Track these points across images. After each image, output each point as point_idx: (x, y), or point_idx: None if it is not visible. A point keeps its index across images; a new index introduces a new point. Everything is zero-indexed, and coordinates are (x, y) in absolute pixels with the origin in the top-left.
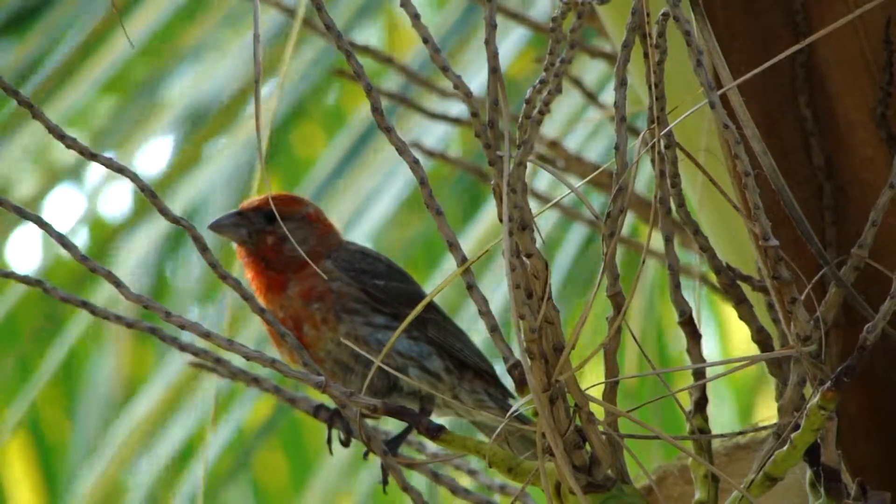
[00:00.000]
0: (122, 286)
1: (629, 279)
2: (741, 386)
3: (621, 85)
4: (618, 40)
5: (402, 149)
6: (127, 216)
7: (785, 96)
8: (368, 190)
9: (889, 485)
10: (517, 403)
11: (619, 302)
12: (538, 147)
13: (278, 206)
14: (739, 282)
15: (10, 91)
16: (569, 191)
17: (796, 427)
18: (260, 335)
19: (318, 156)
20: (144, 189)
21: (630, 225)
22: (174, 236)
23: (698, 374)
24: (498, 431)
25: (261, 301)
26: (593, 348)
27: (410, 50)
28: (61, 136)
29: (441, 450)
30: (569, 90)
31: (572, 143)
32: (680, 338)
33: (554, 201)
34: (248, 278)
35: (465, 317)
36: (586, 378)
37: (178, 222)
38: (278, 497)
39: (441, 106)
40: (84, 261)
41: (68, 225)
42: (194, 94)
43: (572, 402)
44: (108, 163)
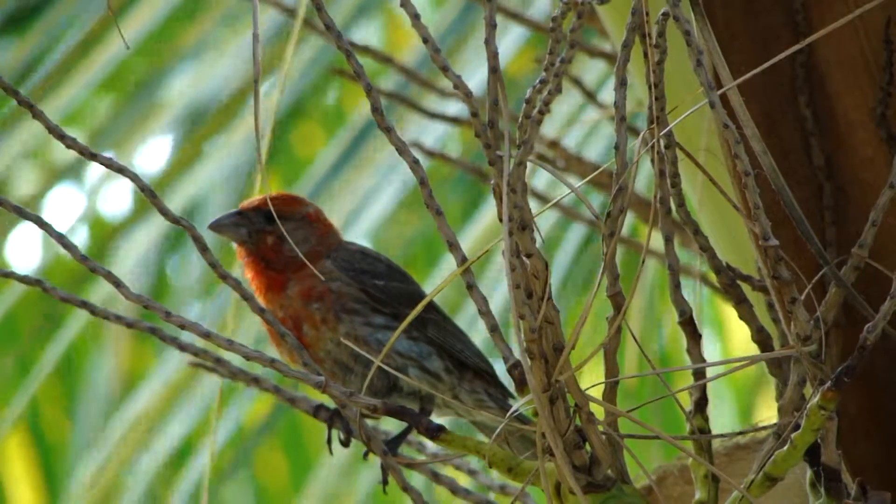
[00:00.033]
0: (121, 286)
1: (629, 279)
2: (741, 386)
3: (621, 85)
4: (618, 40)
5: (402, 149)
6: (127, 215)
7: (785, 96)
8: (367, 188)
9: (889, 485)
10: (517, 403)
11: (619, 302)
12: (538, 147)
13: (278, 206)
14: (739, 282)
15: (10, 91)
16: (568, 191)
17: (796, 427)
18: (259, 334)
19: (318, 155)
20: (144, 189)
21: (630, 225)
22: (174, 235)
23: (698, 374)
24: (498, 431)
25: (261, 301)
26: (593, 348)
27: (409, 48)
28: (61, 136)
29: (441, 450)
30: (568, 90)
31: (572, 143)
32: (680, 338)
33: (554, 201)
34: (247, 278)
35: (465, 317)
36: (586, 378)
37: (178, 222)
38: (278, 496)
39: (440, 105)
40: (84, 260)
41: (68, 224)
42: (193, 93)
43: (572, 402)
44: (108, 163)
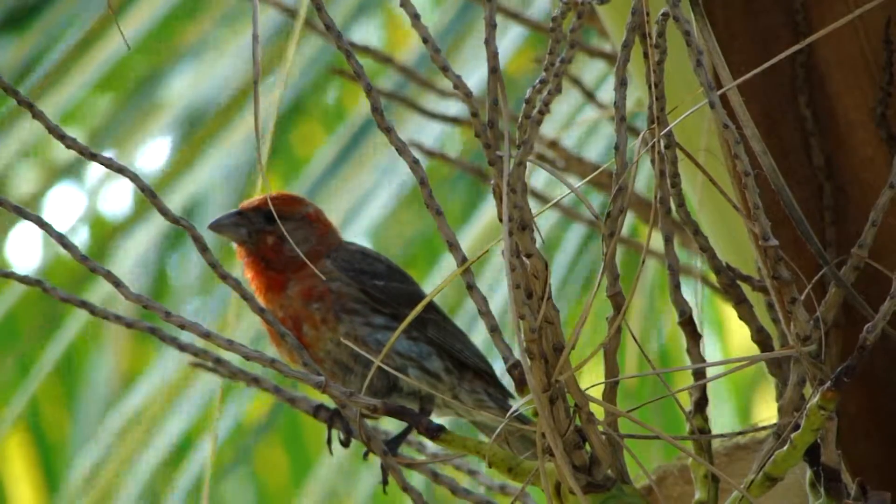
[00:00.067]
0: (121, 286)
1: (629, 279)
2: (739, 385)
3: (621, 85)
4: (618, 40)
5: (402, 149)
6: (128, 214)
7: (785, 96)
8: (366, 187)
9: (889, 485)
10: (517, 403)
11: (619, 302)
12: (538, 147)
13: (278, 206)
14: (739, 282)
15: (10, 90)
16: (568, 191)
17: (796, 427)
18: (257, 332)
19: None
20: (144, 189)
21: (630, 225)
22: (174, 235)
23: (698, 374)
24: (498, 431)
25: (261, 301)
26: (593, 348)
27: (408, 46)
28: (61, 136)
29: (441, 450)
30: (568, 90)
31: (572, 143)
32: (680, 338)
33: (554, 201)
34: (247, 278)
35: (465, 317)
36: (586, 378)
37: (178, 222)
38: (279, 494)
39: (439, 105)
40: (84, 261)
41: (69, 223)
42: (193, 93)
43: (572, 402)
44: (109, 163)
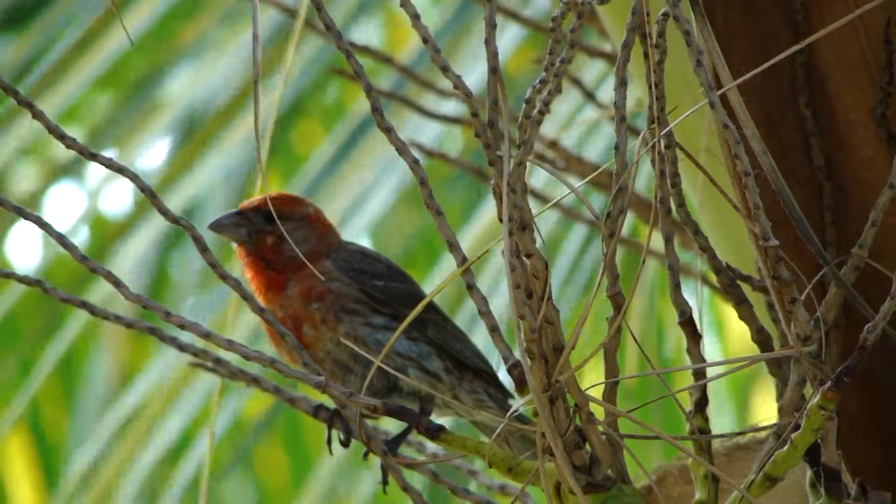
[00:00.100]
0: (121, 286)
1: (629, 279)
2: (738, 385)
3: (621, 85)
4: (618, 40)
5: (402, 149)
6: (128, 213)
7: (785, 96)
8: (365, 185)
9: (889, 485)
10: (517, 403)
11: (619, 302)
12: (538, 147)
13: (278, 206)
14: (739, 282)
15: (10, 90)
16: (568, 191)
17: (796, 427)
18: (255, 331)
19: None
20: (144, 189)
21: (630, 225)
22: (174, 234)
23: (698, 374)
24: (498, 431)
25: (260, 301)
26: (593, 348)
27: (407, 45)
28: (61, 135)
29: (441, 450)
30: (568, 90)
31: (572, 143)
32: (680, 338)
33: (554, 201)
34: (247, 278)
35: (465, 317)
36: (586, 378)
37: (178, 222)
38: (279, 494)
39: (438, 104)
40: (84, 261)
41: (69, 222)
42: (193, 92)
43: (572, 402)
44: (109, 163)
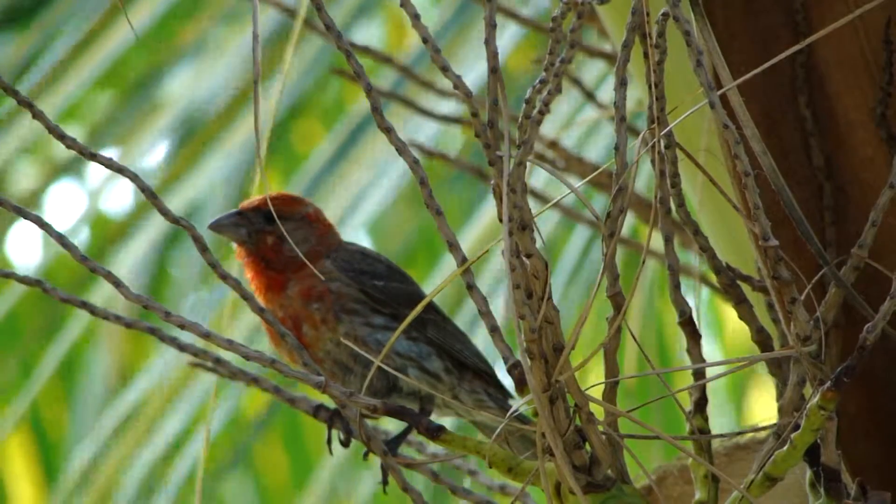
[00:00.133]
0: (121, 286)
1: (629, 279)
2: (736, 384)
3: (621, 85)
4: (618, 40)
5: (402, 149)
6: (129, 213)
7: (785, 96)
8: (364, 183)
9: (889, 485)
10: (517, 403)
11: (619, 302)
12: (538, 147)
13: (278, 206)
14: (739, 282)
15: (10, 90)
16: (569, 191)
17: (796, 427)
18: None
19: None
20: (144, 189)
21: (630, 225)
22: (174, 234)
23: (698, 374)
24: (498, 431)
25: (260, 301)
26: (593, 348)
27: (406, 45)
28: (61, 135)
29: (441, 450)
30: (568, 90)
31: (572, 143)
32: (680, 338)
33: (554, 201)
34: (247, 278)
35: (465, 317)
36: (586, 378)
37: (178, 222)
38: (279, 494)
39: (438, 103)
40: (84, 261)
41: (69, 222)
42: (193, 92)
43: (572, 402)
44: (109, 163)
